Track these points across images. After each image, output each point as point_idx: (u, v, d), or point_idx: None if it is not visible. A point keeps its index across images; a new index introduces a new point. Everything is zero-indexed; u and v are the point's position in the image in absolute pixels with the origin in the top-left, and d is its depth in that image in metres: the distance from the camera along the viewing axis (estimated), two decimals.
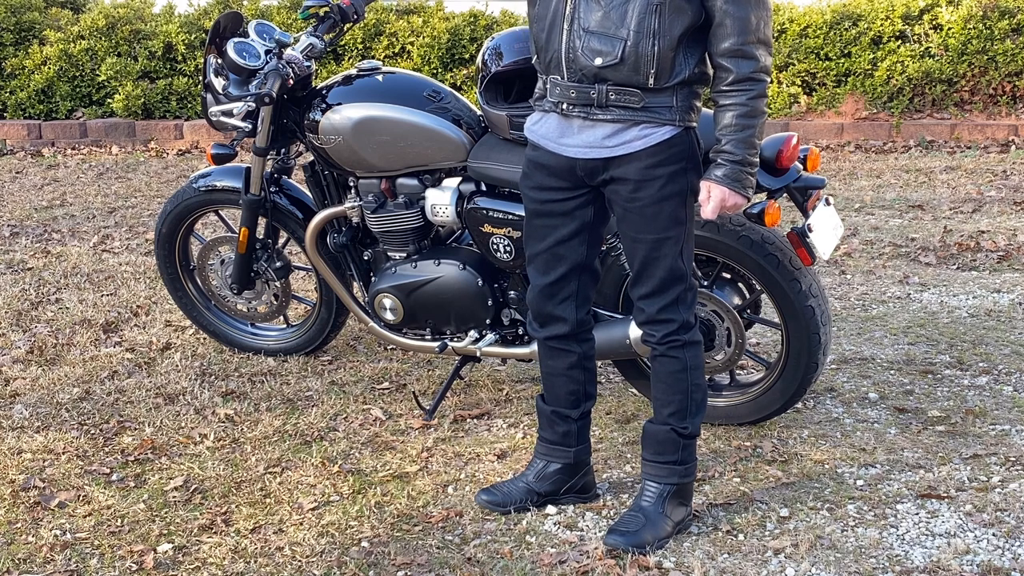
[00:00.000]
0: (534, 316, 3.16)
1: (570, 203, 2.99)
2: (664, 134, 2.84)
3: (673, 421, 3.07)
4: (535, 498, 3.24)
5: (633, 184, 2.87)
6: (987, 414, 3.76)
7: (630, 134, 2.84)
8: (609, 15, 2.75)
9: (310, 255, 4.04)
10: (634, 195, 2.88)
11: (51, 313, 4.95)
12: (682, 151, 2.87)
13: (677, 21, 2.74)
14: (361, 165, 3.77)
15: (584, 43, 2.78)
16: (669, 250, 2.91)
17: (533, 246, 3.07)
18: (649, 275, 2.95)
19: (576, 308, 3.11)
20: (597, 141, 2.87)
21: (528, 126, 3.04)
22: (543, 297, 3.10)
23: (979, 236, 5.77)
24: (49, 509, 3.30)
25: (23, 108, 8.89)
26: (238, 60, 3.77)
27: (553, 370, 3.20)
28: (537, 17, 2.90)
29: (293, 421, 3.85)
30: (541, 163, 2.99)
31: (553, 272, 3.06)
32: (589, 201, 2.99)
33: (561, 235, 3.01)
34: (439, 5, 8.92)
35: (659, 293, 2.96)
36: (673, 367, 3.03)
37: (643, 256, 2.94)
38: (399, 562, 3.01)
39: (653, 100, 2.81)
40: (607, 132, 2.85)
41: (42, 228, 6.43)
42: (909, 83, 8.11)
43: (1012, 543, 3.02)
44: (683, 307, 2.99)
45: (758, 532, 3.12)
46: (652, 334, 3.03)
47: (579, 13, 2.78)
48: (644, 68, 2.76)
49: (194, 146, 8.63)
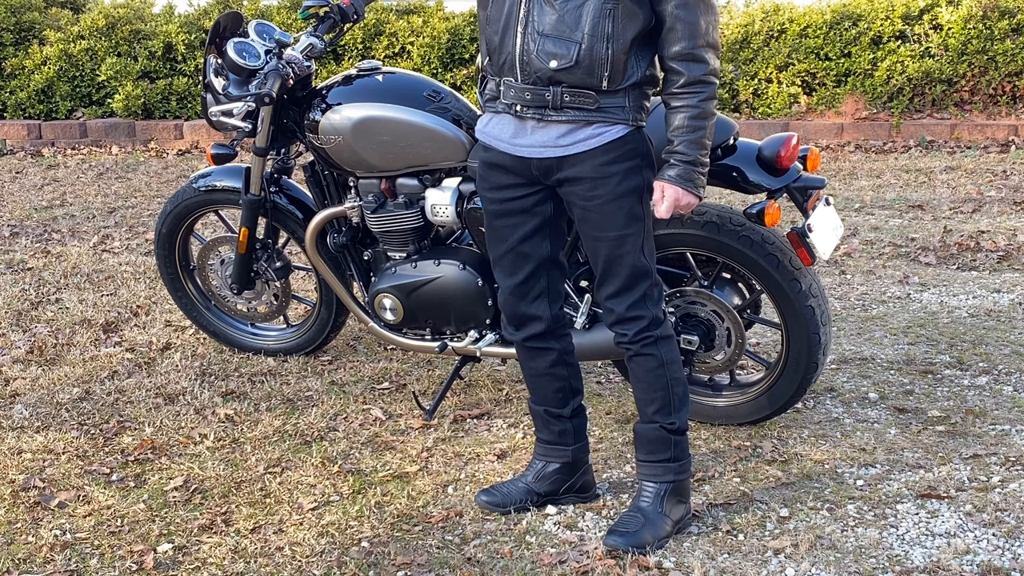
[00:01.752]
0: (509, 319, 3.17)
1: (529, 200, 3.01)
2: (617, 132, 2.88)
3: (659, 418, 3.08)
4: (535, 498, 3.24)
5: (589, 182, 2.90)
6: (987, 414, 3.77)
7: (584, 133, 2.87)
8: (563, 18, 2.78)
9: (310, 255, 4.04)
10: (591, 193, 2.91)
11: (51, 313, 4.95)
12: (635, 148, 2.90)
13: (629, 25, 2.78)
14: (361, 165, 3.77)
15: (539, 46, 2.81)
16: (631, 247, 2.94)
17: (497, 248, 3.09)
18: (614, 274, 2.98)
19: (549, 304, 3.13)
20: (551, 140, 2.89)
21: (480, 128, 3.07)
22: (515, 298, 3.12)
23: (979, 236, 5.77)
24: (49, 509, 3.30)
25: (23, 108, 8.89)
26: (238, 60, 3.77)
27: (536, 371, 3.21)
28: (490, 20, 2.92)
29: (293, 421, 3.85)
30: (495, 163, 3.01)
31: (521, 271, 3.08)
32: (548, 196, 3.01)
33: (523, 232, 3.04)
34: (439, 5, 8.93)
35: (625, 291, 2.99)
36: (650, 364, 3.05)
37: (606, 255, 2.96)
38: (399, 562, 3.01)
39: (607, 101, 2.85)
40: (561, 132, 2.88)
41: (42, 228, 6.43)
42: (909, 83, 8.11)
43: (1012, 543, 3.02)
44: (650, 303, 3.01)
45: (758, 532, 3.12)
46: (624, 333, 3.04)
47: (533, 16, 2.81)
48: (598, 71, 2.80)
49: (194, 146, 8.63)
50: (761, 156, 3.39)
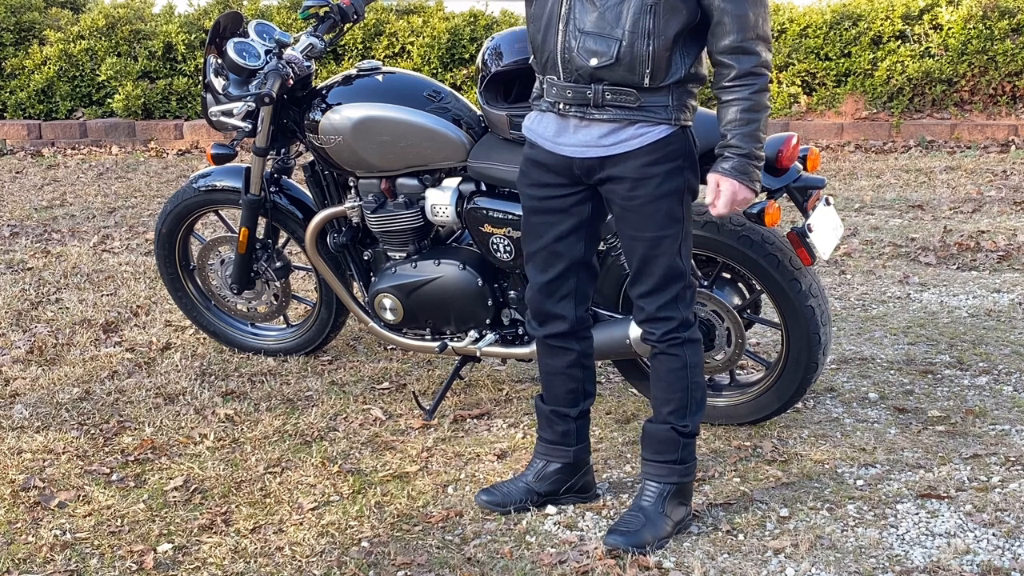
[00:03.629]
0: (533, 315, 3.17)
1: (568, 200, 3.00)
2: (660, 132, 2.86)
3: (673, 419, 3.07)
4: (535, 498, 3.24)
5: (630, 182, 2.88)
6: (987, 414, 3.77)
7: (626, 133, 2.85)
8: (604, 15, 2.77)
9: (310, 255, 4.04)
10: (632, 193, 2.89)
11: (51, 313, 4.94)
12: (678, 149, 2.88)
13: (672, 21, 2.76)
14: (361, 165, 3.77)
15: (580, 43, 2.80)
16: (667, 248, 2.93)
17: (531, 244, 3.09)
18: (648, 273, 2.97)
19: (575, 306, 3.12)
20: (593, 140, 2.88)
21: (526, 124, 3.06)
22: (542, 295, 3.11)
23: (979, 236, 5.77)
24: (49, 509, 3.30)
25: (23, 108, 8.89)
26: (238, 60, 3.77)
27: (552, 369, 3.20)
28: (533, 17, 2.91)
29: (293, 421, 3.85)
30: (538, 161, 3.00)
31: (552, 270, 3.07)
32: (587, 198, 3.00)
33: (559, 232, 3.03)
34: (439, 5, 8.92)
35: (658, 291, 2.98)
36: (673, 365, 3.04)
37: (641, 254, 2.95)
38: (399, 562, 3.01)
39: (649, 99, 2.82)
40: (603, 131, 2.87)
41: (42, 228, 6.43)
42: (909, 83, 8.11)
43: (1012, 543, 3.02)
44: (682, 305, 3.00)
45: (758, 532, 3.12)
46: (652, 332, 3.04)
47: (574, 14, 2.80)
48: (639, 68, 2.78)
49: (194, 146, 8.63)
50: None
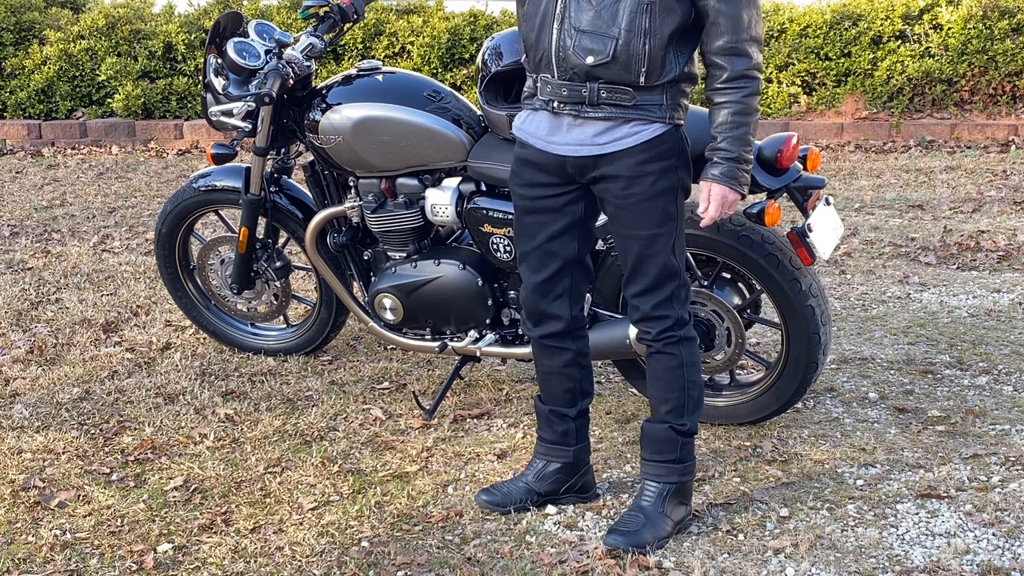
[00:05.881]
0: (528, 315, 3.17)
1: (560, 199, 3.00)
2: (654, 131, 2.86)
3: (671, 419, 3.07)
4: (535, 498, 3.24)
5: (625, 181, 2.89)
6: (987, 414, 3.77)
7: (620, 131, 2.86)
8: (600, 14, 2.77)
9: (310, 255, 4.04)
10: (626, 192, 2.90)
11: (51, 313, 4.95)
12: (672, 148, 2.89)
13: (668, 20, 2.76)
14: (361, 165, 3.77)
15: (575, 42, 2.80)
16: (662, 247, 2.93)
17: (524, 244, 3.09)
18: (643, 272, 2.97)
19: (570, 305, 3.12)
20: (587, 139, 2.88)
21: (517, 124, 3.06)
22: (537, 295, 3.11)
23: (979, 236, 5.77)
24: (49, 509, 3.30)
25: (23, 108, 8.89)
26: (238, 60, 3.77)
27: (549, 369, 3.21)
28: (527, 16, 2.91)
29: (293, 421, 3.85)
30: (530, 160, 3.00)
31: (546, 269, 3.07)
32: (579, 197, 3.00)
33: (552, 231, 3.03)
34: (439, 5, 8.92)
35: (653, 290, 2.98)
36: (669, 363, 3.04)
37: (636, 253, 2.95)
38: (399, 562, 3.01)
39: (644, 98, 2.83)
40: (597, 130, 2.87)
41: (42, 228, 6.43)
42: (909, 83, 8.11)
43: (1012, 543, 3.02)
44: (677, 303, 3.01)
45: (758, 532, 3.12)
46: (647, 331, 3.04)
47: (569, 12, 2.80)
48: (635, 67, 2.79)
49: (194, 146, 8.63)
50: (761, 156, 3.39)
